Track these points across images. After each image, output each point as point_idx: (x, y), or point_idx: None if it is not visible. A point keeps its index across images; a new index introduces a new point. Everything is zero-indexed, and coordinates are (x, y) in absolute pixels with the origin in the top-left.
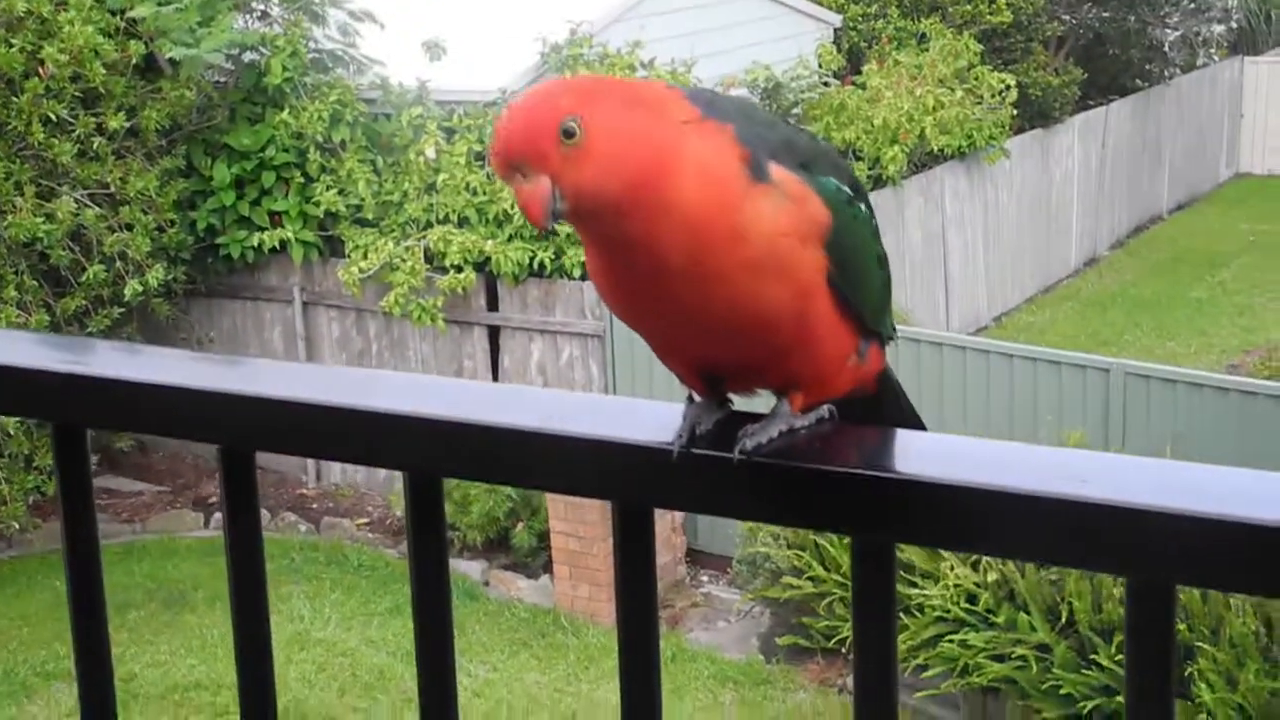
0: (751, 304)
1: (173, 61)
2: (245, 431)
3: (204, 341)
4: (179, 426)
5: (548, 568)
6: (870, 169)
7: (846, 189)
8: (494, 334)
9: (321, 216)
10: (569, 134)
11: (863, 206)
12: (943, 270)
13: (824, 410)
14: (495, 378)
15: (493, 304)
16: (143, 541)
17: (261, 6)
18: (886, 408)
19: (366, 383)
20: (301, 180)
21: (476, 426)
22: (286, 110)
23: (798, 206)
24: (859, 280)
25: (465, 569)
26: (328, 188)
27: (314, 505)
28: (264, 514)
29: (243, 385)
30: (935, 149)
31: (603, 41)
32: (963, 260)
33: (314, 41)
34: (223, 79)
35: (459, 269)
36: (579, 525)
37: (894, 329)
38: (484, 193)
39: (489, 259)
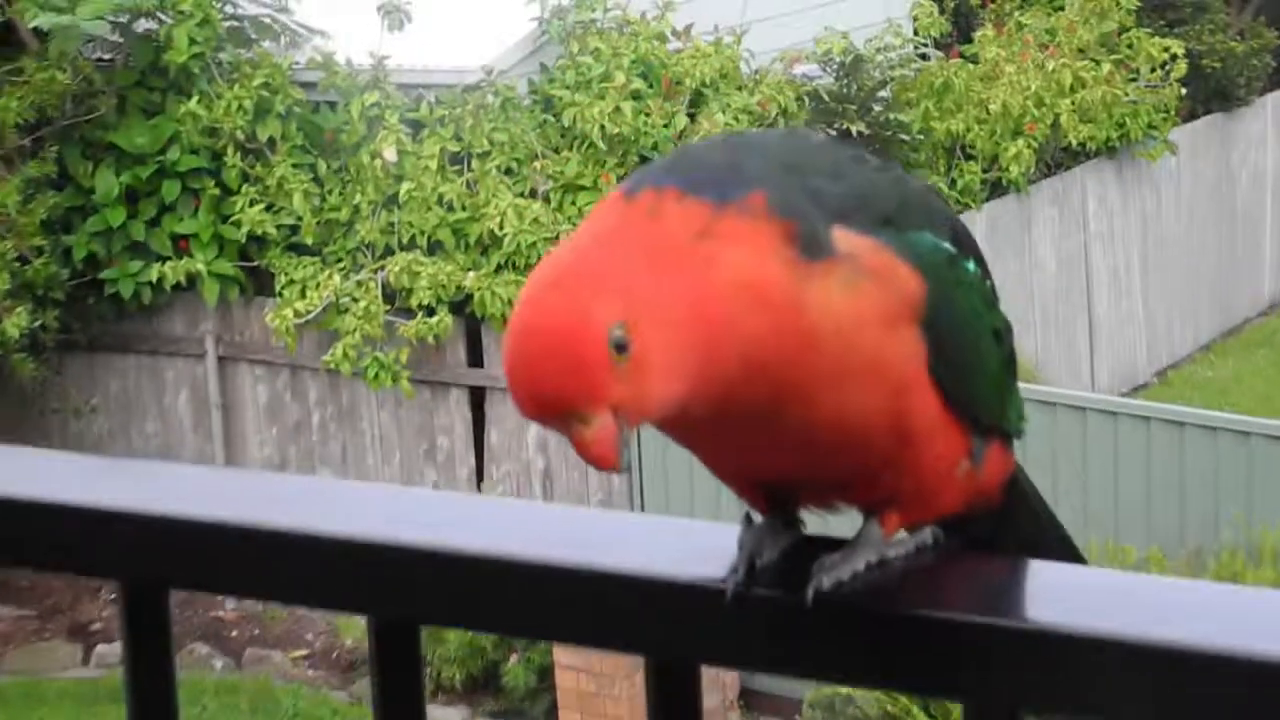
0: (831, 417)
1: (39, 33)
2: (155, 564)
3: (83, 411)
4: (62, 558)
5: (551, 715)
6: (985, 171)
7: (946, 244)
8: (478, 398)
9: (243, 241)
10: (621, 349)
11: (970, 265)
12: (1086, 307)
13: (927, 535)
14: (480, 458)
15: (475, 358)
16: None
17: None
18: (1018, 529)
19: (316, 497)
20: (216, 193)
21: (459, 558)
22: (195, 98)
23: (880, 282)
24: (970, 365)
25: (441, 719)
26: (251, 202)
27: (234, 633)
28: None
29: (149, 501)
30: (1074, 143)
31: (621, 2)
32: (1113, 293)
33: (232, 5)
34: (108, 56)
35: (430, 311)
36: (593, 659)
37: (1022, 418)
38: (462, 207)
39: (470, 297)
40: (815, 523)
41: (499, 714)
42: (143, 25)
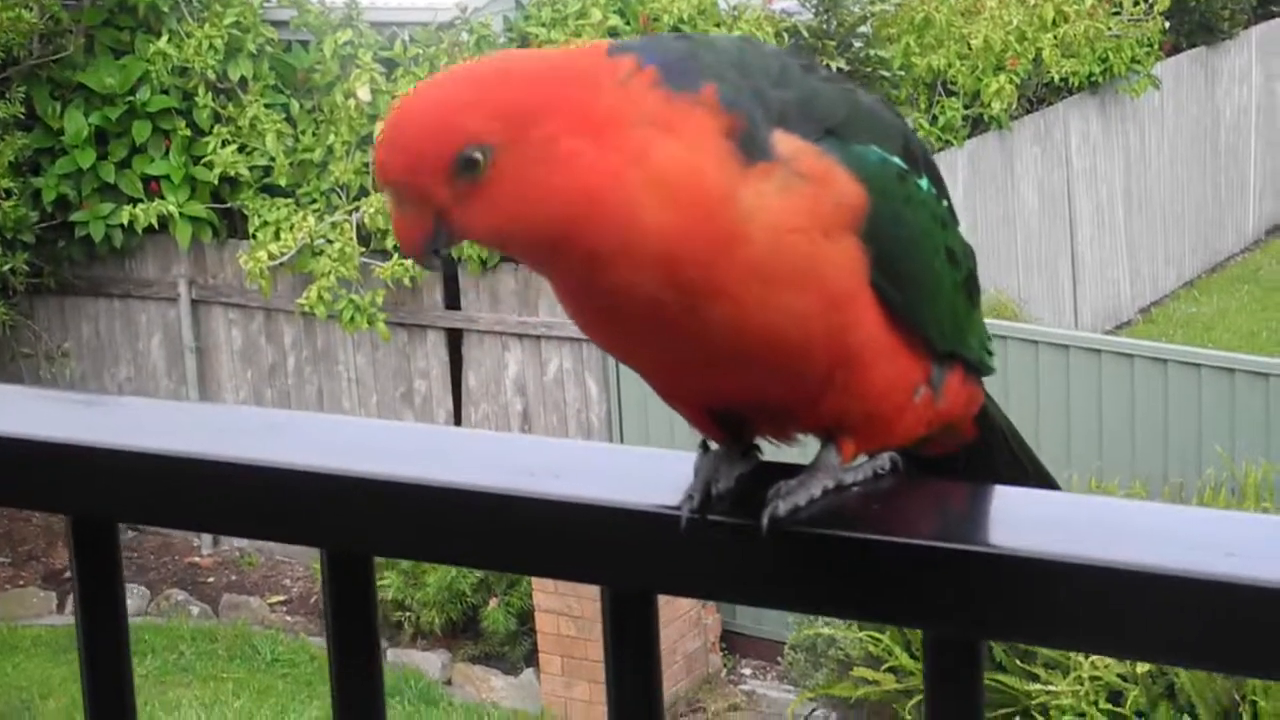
0: (763, 322)
1: None
2: (103, 498)
3: (55, 356)
4: (7, 492)
5: (532, 659)
6: (967, 107)
7: (896, 159)
8: (455, 340)
9: (215, 183)
10: (469, 166)
11: (922, 182)
12: (1069, 244)
13: (884, 460)
14: (457, 401)
15: (453, 300)
16: None
17: None
18: (993, 463)
19: (268, 430)
20: (188, 134)
21: (412, 488)
22: (165, 37)
23: (816, 187)
24: (919, 283)
25: (420, 663)
26: (224, 143)
27: (210, 579)
28: (143, 592)
29: (97, 434)
30: (1056, 78)
31: None
32: (1096, 230)
33: None
34: None
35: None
36: (574, 601)
37: (987, 348)
38: None
39: None
40: (772, 452)
41: (479, 658)
42: None
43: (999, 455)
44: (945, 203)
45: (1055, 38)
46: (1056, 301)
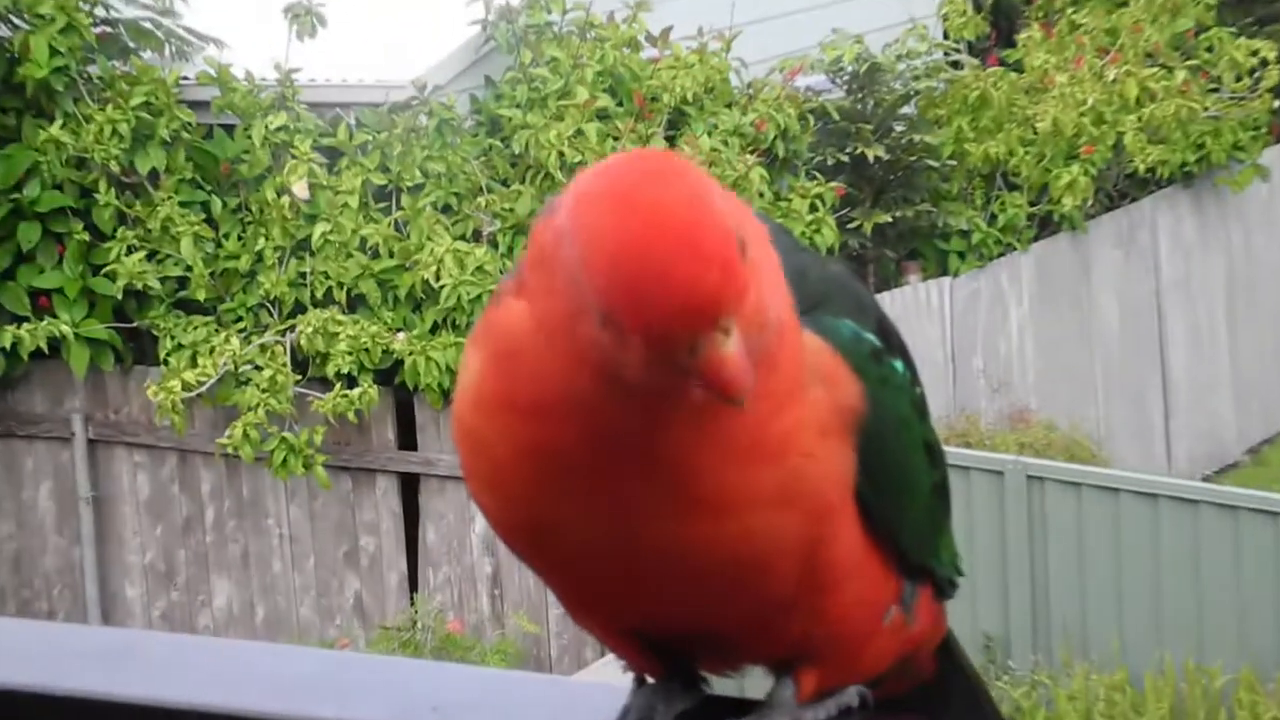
0: (735, 538)
1: None
2: None
3: None
4: None
5: None
6: (1033, 204)
7: (870, 336)
8: (410, 487)
9: (119, 298)
10: (743, 246)
11: (898, 365)
12: (1159, 369)
13: (852, 695)
14: (413, 562)
15: (407, 438)
16: None
17: None
18: (950, 701)
19: (109, 657)
20: (85, 238)
21: None
22: (59, 122)
23: (832, 391)
24: (899, 485)
25: None
26: (130, 249)
27: None
28: None
29: None
30: (1142, 168)
31: (583, 2)
32: (1193, 352)
33: (104, 8)
34: None
35: (350, 381)
36: None
37: (956, 562)
38: (390, 253)
39: (400, 364)
40: (720, 684)
41: None
42: None
43: (957, 700)
44: (919, 390)
45: (1140, 120)
46: (1144, 439)
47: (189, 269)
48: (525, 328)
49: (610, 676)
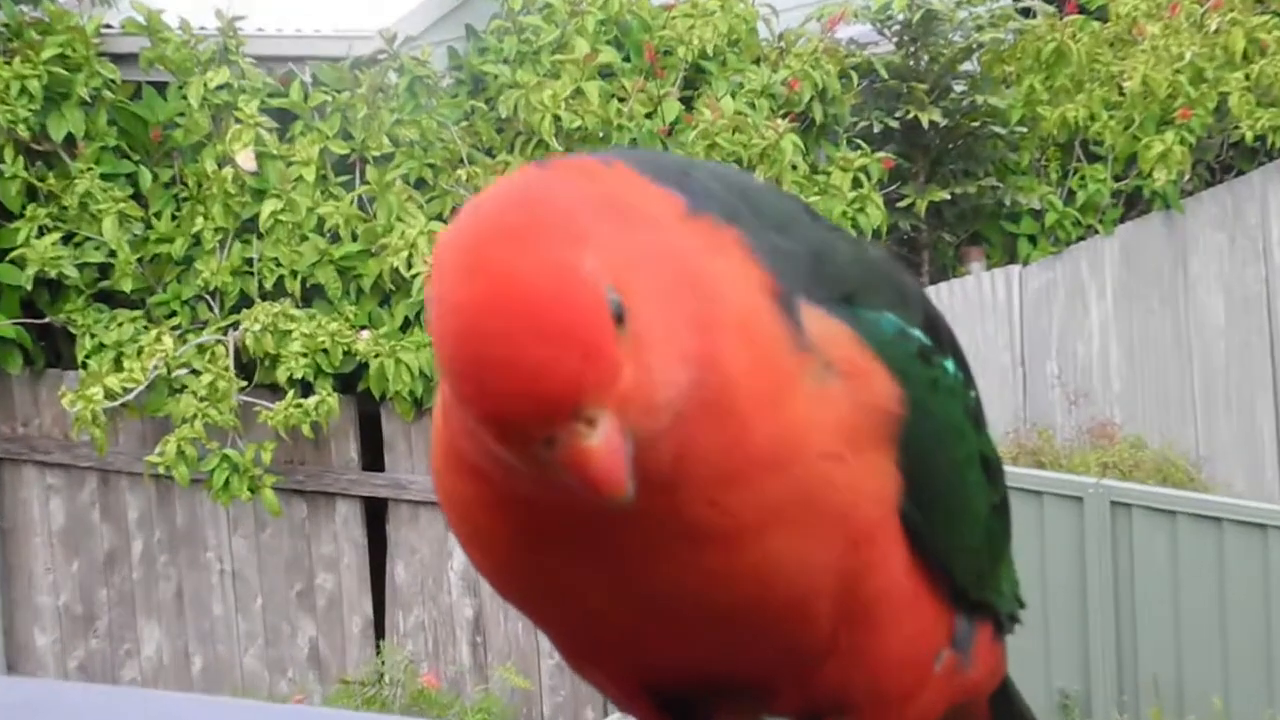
0: (761, 568)
1: None
2: None
3: None
4: None
5: None
6: (1119, 178)
7: (917, 331)
8: (376, 514)
9: (28, 289)
10: (619, 317)
11: (949, 364)
12: (1270, 376)
13: None
14: (379, 604)
15: (373, 456)
16: None
17: None
18: None
19: (33, 707)
20: None
21: None
22: None
23: (854, 388)
24: (953, 507)
25: None
26: (41, 231)
27: None
28: None
29: None
30: (1250, 136)
31: None
32: None
33: None
34: None
35: (305, 388)
36: None
37: (1020, 599)
38: (353, 236)
39: (364, 367)
40: None
41: None
42: None
43: None
44: (974, 394)
45: (1247, 78)
46: (1252, 459)
47: (113, 254)
48: None
49: None
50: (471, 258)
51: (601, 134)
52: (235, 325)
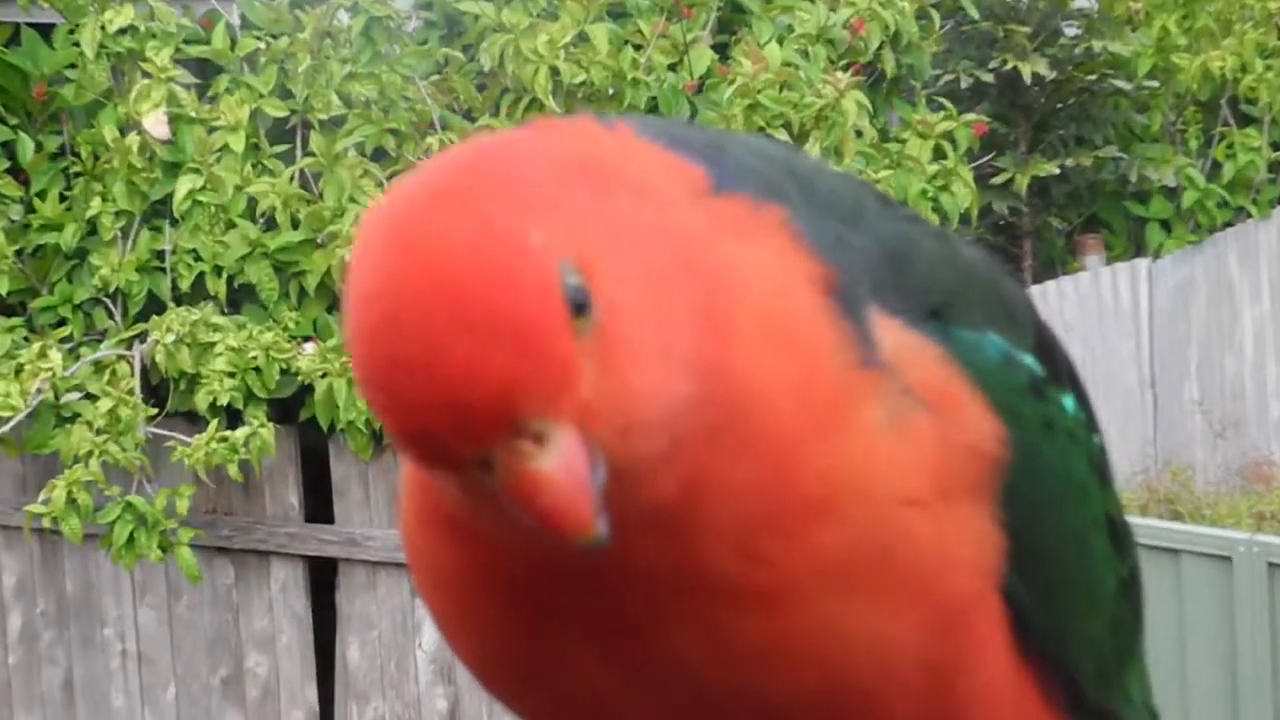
0: (822, 655)
1: None
2: None
3: None
4: None
5: None
6: (1276, 146)
7: (1027, 358)
8: (323, 578)
9: None
10: (580, 305)
11: (1067, 401)
12: None
13: None
14: (326, 695)
15: (320, 504)
16: None
17: None
18: None
19: None
20: None
21: None
22: None
23: (944, 422)
24: (1071, 583)
25: None
26: None
27: None
28: None
29: None
30: None
31: None
32: None
33: None
34: None
35: (233, 417)
36: None
37: (1154, 710)
38: (293, 221)
39: (309, 390)
40: None
41: None
42: None
43: None
44: (1098, 439)
45: None
46: None
47: None
48: None
49: None
50: (392, 235)
51: (612, 91)
52: (142, 337)
